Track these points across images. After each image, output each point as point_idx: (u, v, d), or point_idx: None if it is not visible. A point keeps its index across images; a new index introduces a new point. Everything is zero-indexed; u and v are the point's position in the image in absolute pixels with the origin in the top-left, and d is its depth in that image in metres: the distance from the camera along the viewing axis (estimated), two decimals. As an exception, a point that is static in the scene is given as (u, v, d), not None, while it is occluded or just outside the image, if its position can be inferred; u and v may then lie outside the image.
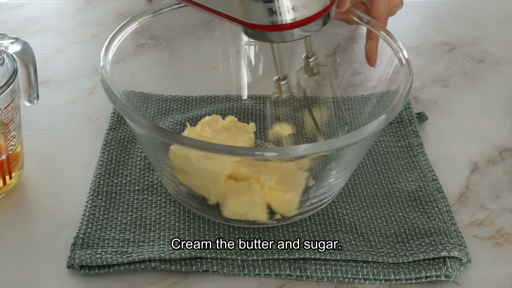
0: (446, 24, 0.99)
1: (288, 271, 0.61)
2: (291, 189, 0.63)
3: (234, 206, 0.62)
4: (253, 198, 0.62)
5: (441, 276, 0.60)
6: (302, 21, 0.55)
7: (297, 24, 0.56)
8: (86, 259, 0.60)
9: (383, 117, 0.58)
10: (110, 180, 0.69)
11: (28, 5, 1.00)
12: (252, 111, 0.78)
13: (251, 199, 0.62)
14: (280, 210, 0.63)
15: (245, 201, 0.62)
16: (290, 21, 0.55)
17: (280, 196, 0.62)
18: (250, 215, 0.63)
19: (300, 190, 0.63)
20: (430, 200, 0.67)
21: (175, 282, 0.61)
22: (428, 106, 0.82)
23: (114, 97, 0.59)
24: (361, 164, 0.71)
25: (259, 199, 0.62)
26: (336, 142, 0.57)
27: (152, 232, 0.64)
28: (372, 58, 0.70)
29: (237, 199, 0.62)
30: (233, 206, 0.62)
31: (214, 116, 0.70)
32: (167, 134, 0.57)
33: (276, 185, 0.62)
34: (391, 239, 0.63)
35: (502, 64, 0.90)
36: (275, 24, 0.55)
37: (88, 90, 0.83)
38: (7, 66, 0.66)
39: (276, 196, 0.62)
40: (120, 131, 0.75)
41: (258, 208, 0.62)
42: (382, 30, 0.69)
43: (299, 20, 0.55)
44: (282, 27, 0.55)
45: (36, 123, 0.77)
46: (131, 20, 0.69)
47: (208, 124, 0.69)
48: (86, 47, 0.92)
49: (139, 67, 0.73)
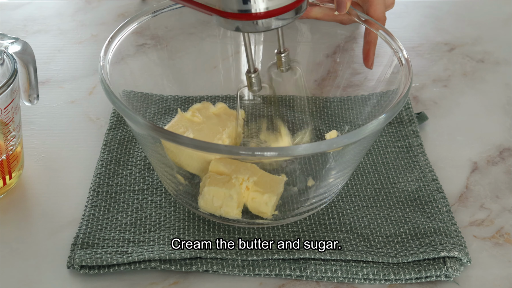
0: (446, 24, 0.99)
1: (288, 271, 0.61)
2: (268, 191, 0.63)
3: (210, 196, 0.62)
4: (229, 191, 0.62)
5: (441, 276, 0.60)
6: (275, 11, 0.56)
7: (270, 14, 0.56)
8: (86, 259, 0.60)
9: (382, 117, 0.58)
10: (110, 180, 0.69)
11: (28, 5, 1.00)
12: (252, 111, 0.78)
13: (228, 192, 0.62)
14: (255, 211, 0.63)
15: (221, 193, 0.62)
16: (263, 10, 0.55)
17: (257, 196, 0.62)
18: (223, 210, 0.62)
19: (277, 193, 0.63)
20: (430, 200, 0.67)
21: (175, 282, 0.61)
22: (428, 106, 0.82)
23: (114, 97, 0.59)
24: (361, 164, 0.71)
25: (235, 194, 0.62)
26: (336, 141, 0.57)
27: (152, 232, 0.64)
28: (369, 60, 0.70)
29: (214, 188, 0.62)
30: (209, 195, 0.62)
31: (205, 102, 0.72)
32: (166, 134, 0.57)
33: (254, 186, 0.62)
34: (391, 239, 0.63)
35: (502, 64, 0.90)
36: (248, 13, 0.55)
37: (88, 90, 0.83)
38: (7, 66, 0.66)
39: (252, 196, 0.63)
40: (120, 131, 0.75)
41: (233, 204, 0.62)
42: (381, 29, 0.69)
43: (272, 10, 0.56)
44: (255, 16, 0.56)
45: (36, 123, 0.77)
46: (131, 20, 0.69)
47: (199, 110, 0.71)
48: (86, 47, 0.92)
49: (139, 67, 0.73)
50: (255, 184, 0.63)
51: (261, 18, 0.56)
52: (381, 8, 0.70)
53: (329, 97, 0.78)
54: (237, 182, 0.62)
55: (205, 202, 0.63)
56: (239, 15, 0.56)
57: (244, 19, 0.56)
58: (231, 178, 0.62)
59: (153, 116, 0.75)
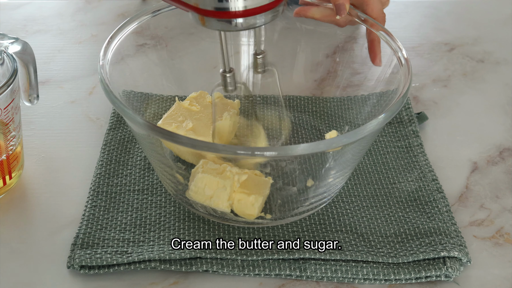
0: (446, 24, 0.99)
1: (288, 271, 0.61)
2: (254, 192, 0.62)
3: (203, 184, 0.61)
4: (224, 181, 0.61)
5: (441, 276, 0.60)
6: (253, 10, 0.56)
7: (248, 13, 0.56)
8: (86, 259, 0.60)
9: (381, 117, 0.58)
10: (110, 180, 0.69)
11: (28, 5, 1.00)
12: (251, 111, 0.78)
13: (222, 182, 0.61)
14: (241, 213, 0.63)
15: (214, 182, 0.61)
16: (241, 9, 0.55)
17: (243, 198, 0.62)
18: (213, 201, 0.62)
19: (264, 194, 0.63)
20: (430, 200, 0.67)
21: (175, 282, 0.61)
22: (428, 106, 0.82)
23: (113, 97, 0.59)
24: (361, 164, 0.71)
25: (228, 186, 0.61)
26: (335, 141, 0.57)
27: (152, 232, 0.64)
28: (377, 58, 0.69)
29: (208, 177, 0.61)
30: (202, 183, 0.61)
31: (201, 92, 0.73)
32: (165, 134, 0.57)
33: (239, 188, 0.62)
34: (391, 239, 0.63)
35: (502, 64, 0.90)
36: (226, 11, 0.55)
37: (88, 90, 0.83)
38: (7, 66, 0.66)
39: (239, 198, 0.62)
40: (120, 131, 0.75)
41: (225, 196, 0.62)
42: (381, 29, 0.69)
43: (250, 9, 0.56)
44: (234, 14, 0.56)
45: (36, 123, 0.78)
46: (131, 20, 0.69)
47: (196, 99, 0.72)
48: (86, 47, 0.92)
49: (139, 67, 0.73)
50: (241, 185, 0.62)
51: (239, 17, 0.56)
52: (378, 7, 0.70)
53: (329, 97, 0.78)
54: (231, 175, 0.62)
55: (196, 189, 0.62)
56: (217, 13, 0.56)
57: (221, 17, 0.56)
58: (225, 170, 0.62)
59: (153, 116, 0.75)
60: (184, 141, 0.56)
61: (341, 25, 0.71)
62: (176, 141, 0.56)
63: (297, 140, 0.75)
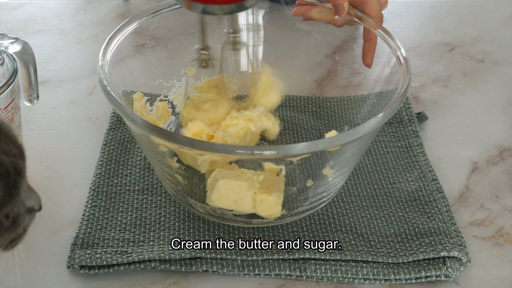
0: (446, 24, 0.99)
1: (288, 271, 0.61)
2: (274, 190, 0.62)
3: (225, 190, 0.61)
4: (246, 183, 0.61)
5: (441, 276, 0.60)
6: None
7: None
8: (86, 259, 0.60)
9: (380, 115, 0.58)
10: (110, 180, 0.69)
11: (28, 5, 1.01)
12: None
13: (245, 185, 0.61)
14: (265, 213, 0.62)
15: (237, 186, 0.61)
16: None
17: (265, 198, 0.62)
18: (239, 204, 0.61)
19: (282, 190, 0.63)
20: (430, 200, 0.67)
21: (175, 282, 0.61)
22: (428, 106, 0.82)
23: (112, 97, 0.59)
24: (361, 164, 0.71)
25: (252, 187, 0.61)
26: (334, 140, 0.57)
27: (152, 232, 0.64)
28: (368, 59, 0.70)
29: (230, 181, 0.61)
30: (224, 189, 0.61)
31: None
32: (164, 133, 0.57)
33: (260, 188, 0.61)
34: (391, 239, 0.63)
35: (502, 64, 0.90)
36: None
37: (88, 90, 0.83)
38: (7, 66, 0.66)
39: (260, 199, 0.62)
40: (120, 131, 0.75)
41: (249, 197, 0.61)
42: (380, 28, 0.69)
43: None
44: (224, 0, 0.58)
45: (36, 123, 0.78)
46: (131, 20, 0.69)
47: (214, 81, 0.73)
48: (86, 47, 0.92)
49: (139, 67, 0.73)
50: (260, 185, 0.62)
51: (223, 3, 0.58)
52: (376, 7, 0.70)
53: (329, 97, 0.78)
54: (250, 174, 0.62)
55: (218, 196, 0.61)
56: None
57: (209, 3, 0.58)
58: (243, 172, 0.62)
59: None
60: (185, 141, 0.56)
61: (338, 25, 0.71)
62: (178, 141, 0.56)
63: (297, 140, 0.75)
